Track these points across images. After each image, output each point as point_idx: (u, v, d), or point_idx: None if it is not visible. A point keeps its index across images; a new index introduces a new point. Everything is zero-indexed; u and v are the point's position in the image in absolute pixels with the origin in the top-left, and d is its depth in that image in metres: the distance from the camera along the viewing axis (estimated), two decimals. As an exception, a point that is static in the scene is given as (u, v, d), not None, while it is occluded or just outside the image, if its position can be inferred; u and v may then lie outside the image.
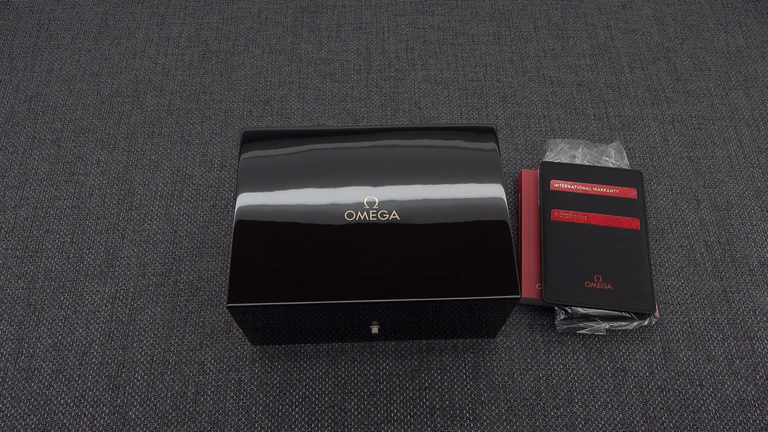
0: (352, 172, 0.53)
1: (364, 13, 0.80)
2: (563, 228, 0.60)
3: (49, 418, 0.55)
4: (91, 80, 0.74)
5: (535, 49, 0.77)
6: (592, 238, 0.59)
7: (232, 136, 0.70)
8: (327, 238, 0.49)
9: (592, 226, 0.60)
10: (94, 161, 0.68)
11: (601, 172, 0.64)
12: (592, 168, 0.64)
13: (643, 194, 0.62)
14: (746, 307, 0.61)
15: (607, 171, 0.64)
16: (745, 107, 0.73)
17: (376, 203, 0.51)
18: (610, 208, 0.61)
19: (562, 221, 0.60)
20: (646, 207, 0.63)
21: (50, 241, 0.63)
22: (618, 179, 0.63)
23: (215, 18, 0.79)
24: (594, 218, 0.61)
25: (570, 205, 0.62)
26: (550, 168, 0.64)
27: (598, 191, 0.62)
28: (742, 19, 0.80)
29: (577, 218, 0.61)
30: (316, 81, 0.74)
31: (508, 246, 0.49)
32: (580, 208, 0.61)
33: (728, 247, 0.64)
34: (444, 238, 0.50)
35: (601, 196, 0.62)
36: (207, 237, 0.64)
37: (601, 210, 0.61)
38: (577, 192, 0.62)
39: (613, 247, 0.59)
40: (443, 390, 0.56)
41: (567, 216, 0.61)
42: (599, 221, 0.61)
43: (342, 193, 0.52)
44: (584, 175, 0.63)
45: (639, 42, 0.78)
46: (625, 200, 0.62)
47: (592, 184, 0.63)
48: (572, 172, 0.63)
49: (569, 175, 0.63)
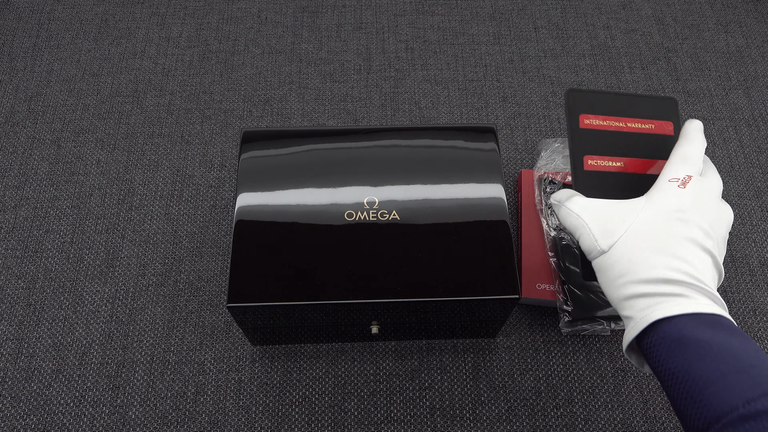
0: (352, 172, 0.53)
1: (364, 13, 0.80)
2: (600, 177, 0.49)
3: (49, 418, 0.55)
4: (91, 80, 0.74)
5: (535, 49, 0.77)
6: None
7: (232, 136, 0.70)
8: (327, 238, 0.49)
9: (629, 175, 0.49)
10: (94, 161, 0.68)
11: (635, 101, 0.52)
12: (625, 96, 0.52)
13: (679, 129, 0.51)
14: (746, 307, 0.61)
15: (643, 99, 0.52)
16: (745, 107, 0.73)
17: (376, 203, 0.51)
18: (646, 150, 0.50)
19: (598, 171, 0.49)
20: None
21: (50, 241, 0.63)
22: (653, 110, 0.52)
23: (215, 18, 0.79)
24: (632, 165, 0.49)
25: (605, 148, 0.50)
26: (579, 98, 0.51)
27: (633, 127, 0.51)
28: (743, 19, 0.80)
29: (613, 166, 0.49)
30: (316, 81, 0.74)
31: (508, 246, 0.49)
32: (616, 151, 0.50)
33: (728, 247, 0.64)
34: (444, 238, 0.50)
35: (636, 133, 0.51)
36: (207, 237, 0.64)
37: (637, 153, 0.50)
38: (611, 130, 0.50)
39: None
40: (443, 390, 0.56)
41: (603, 165, 0.49)
42: (637, 168, 0.49)
43: (342, 193, 0.52)
44: (618, 107, 0.51)
45: (639, 42, 0.78)
46: (661, 138, 0.51)
47: (627, 118, 0.51)
48: (605, 104, 0.51)
49: (602, 107, 0.51)
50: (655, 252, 0.42)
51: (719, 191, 0.45)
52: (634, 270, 0.42)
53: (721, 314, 0.39)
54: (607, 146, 0.50)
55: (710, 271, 0.42)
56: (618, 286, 0.42)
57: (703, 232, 0.42)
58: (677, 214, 0.42)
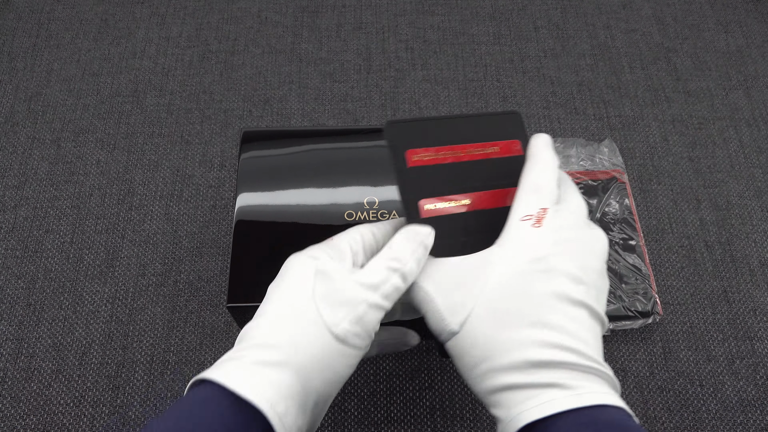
0: (352, 172, 0.53)
1: (364, 13, 0.80)
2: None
3: (49, 418, 0.55)
4: (91, 80, 0.74)
5: (535, 48, 0.77)
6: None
7: (232, 136, 0.70)
8: (327, 238, 0.49)
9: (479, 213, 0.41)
10: (94, 161, 0.68)
11: (470, 122, 0.43)
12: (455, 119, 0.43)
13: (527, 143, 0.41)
14: (746, 307, 0.61)
15: (478, 119, 0.44)
16: (745, 107, 0.73)
17: (376, 203, 0.51)
18: (495, 179, 0.42)
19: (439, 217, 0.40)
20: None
21: (50, 241, 0.63)
22: (494, 130, 0.43)
23: (215, 18, 0.79)
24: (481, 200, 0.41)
25: (443, 187, 0.41)
26: (401, 131, 0.41)
27: (474, 154, 0.42)
28: (743, 18, 0.80)
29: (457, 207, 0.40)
30: (316, 81, 0.74)
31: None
32: (457, 188, 0.41)
33: (728, 247, 0.64)
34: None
35: (479, 161, 0.42)
36: (207, 237, 0.64)
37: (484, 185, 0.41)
38: (447, 162, 0.41)
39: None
40: (443, 390, 0.56)
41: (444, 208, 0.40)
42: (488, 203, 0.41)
43: (342, 193, 0.52)
44: (451, 133, 0.42)
45: (639, 42, 0.78)
46: (510, 160, 0.42)
47: (463, 145, 0.42)
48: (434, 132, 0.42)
49: (431, 136, 0.42)
50: (517, 324, 0.33)
51: (584, 216, 0.37)
52: (493, 354, 0.33)
53: (610, 405, 0.31)
54: (446, 184, 0.41)
55: (590, 330, 0.34)
56: (478, 377, 0.34)
57: (572, 279, 0.34)
58: (536, 264, 0.34)
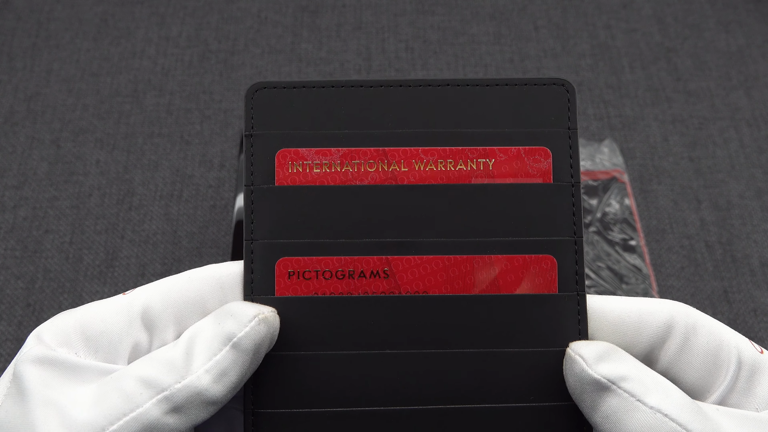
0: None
1: (364, 13, 0.80)
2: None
3: (49, 418, 0.55)
4: (91, 80, 0.74)
5: (536, 48, 0.77)
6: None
7: (232, 136, 0.70)
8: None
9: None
10: (94, 161, 0.68)
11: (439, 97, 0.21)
12: (409, 88, 0.21)
13: (577, 156, 0.22)
14: (747, 308, 0.61)
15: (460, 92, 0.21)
16: (746, 107, 0.73)
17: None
18: (470, 228, 0.21)
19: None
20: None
21: (49, 241, 0.63)
22: (496, 117, 0.21)
23: (215, 18, 0.79)
24: (422, 275, 0.21)
25: (339, 235, 0.21)
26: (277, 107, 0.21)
27: (433, 172, 0.21)
28: (743, 18, 0.80)
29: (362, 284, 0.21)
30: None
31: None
32: (375, 245, 0.21)
33: (729, 247, 0.64)
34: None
35: (441, 189, 0.21)
36: (207, 237, 0.63)
37: (441, 243, 0.21)
38: (365, 184, 0.21)
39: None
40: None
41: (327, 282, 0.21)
42: (435, 282, 0.21)
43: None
44: (391, 116, 0.21)
45: (639, 42, 0.78)
46: (514, 192, 0.21)
47: (413, 148, 0.21)
48: (352, 115, 0.21)
49: (340, 124, 0.21)
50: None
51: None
52: None
53: None
54: (349, 230, 0.21)
55: None
56: None
57: None
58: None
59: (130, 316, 0.21)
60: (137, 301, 0.22)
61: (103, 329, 0.21)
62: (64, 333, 0.21)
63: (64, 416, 0.19)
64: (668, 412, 0.20)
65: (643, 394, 0.20)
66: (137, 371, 0.20)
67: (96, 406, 0.19)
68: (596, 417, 0.21)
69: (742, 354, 0.22)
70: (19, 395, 0.20)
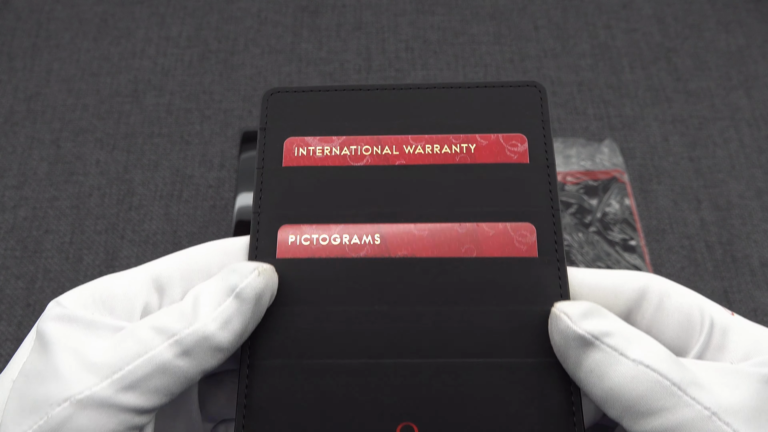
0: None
1: (364, 13, 0.80)
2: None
3: (49, 418, 0.55)
4: (91, 80, 0.74)
5: (536, 48, 0.77)
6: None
7: (232, 136, 0.70)
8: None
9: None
10: (94, 161, 0.68)
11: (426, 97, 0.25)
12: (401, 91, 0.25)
13: (551, 144, 0.24)
14: (747, 308, 0.61)
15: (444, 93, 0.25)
16: (746, 107, 0.73)
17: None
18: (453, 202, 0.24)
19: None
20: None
21: (49, 241, 0.63)
22: (478, 112, 0.25)
23: (215, 18, 0.79)
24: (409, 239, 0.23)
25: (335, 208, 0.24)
26: (288, 106, 0.25)
27: (422, 155, 0.24)
28: (743, 18, 0.80)
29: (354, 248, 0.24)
30: (316, 81, 0.74)
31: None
32: (366, 213, 0.24)
33: (729, 247, 0.64)
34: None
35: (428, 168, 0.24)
36: (207, 237, 0.63)
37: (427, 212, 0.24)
38: (362, 165, 0.24)
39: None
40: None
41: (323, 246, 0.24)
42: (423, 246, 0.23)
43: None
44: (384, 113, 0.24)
45: (639, 42, 0.78)
46: (493, 171, 0.24)
47: (403, 136, 0.24)
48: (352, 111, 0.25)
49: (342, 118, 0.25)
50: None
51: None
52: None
53: None
54: (345, 203, 0.24)
55: None
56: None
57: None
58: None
59: (142, 281, 0.24)
60: (149, 268, 0.25)
61: (117, 293, 0.24)
62: (81, 298, 0.23)
63: (84, 359, 0.21)
64: (650, 363, 0.21)
65: (626, 348, 0.21)
66: (150, 321, 0.22)
67: (113, 350, 0.21)
68: (580, 372, 0.22)
69: (714, 315, 0.23)
70: (42, 348, 0.22)
